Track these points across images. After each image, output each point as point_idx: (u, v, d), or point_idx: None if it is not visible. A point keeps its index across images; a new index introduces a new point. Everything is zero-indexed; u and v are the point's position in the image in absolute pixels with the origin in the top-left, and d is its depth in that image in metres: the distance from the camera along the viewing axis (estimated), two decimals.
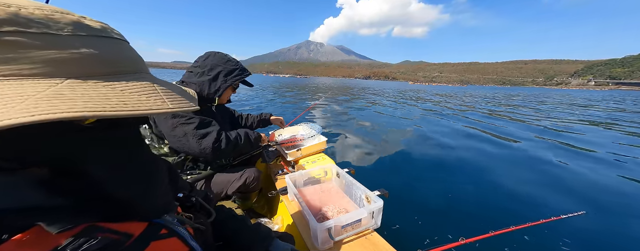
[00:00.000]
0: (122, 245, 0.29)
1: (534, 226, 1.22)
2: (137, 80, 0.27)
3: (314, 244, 0.90)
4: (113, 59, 0.27)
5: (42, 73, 0.21)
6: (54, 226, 0.25)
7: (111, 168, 0.31)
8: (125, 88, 0.25)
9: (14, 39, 0.21)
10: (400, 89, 35.74)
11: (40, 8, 0.23)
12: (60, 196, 0.26)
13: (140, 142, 0.37)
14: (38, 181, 0.25)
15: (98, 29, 0.27)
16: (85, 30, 0.25)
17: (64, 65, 0.23)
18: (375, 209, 0.94)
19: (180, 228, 0.41)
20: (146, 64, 0.33)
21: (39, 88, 0.20)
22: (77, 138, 0.27)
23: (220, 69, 1.23)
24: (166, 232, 0.37)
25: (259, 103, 9.95)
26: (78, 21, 0.25)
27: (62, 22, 0.24)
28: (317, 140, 1.76)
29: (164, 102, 0.26)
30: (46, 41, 0.22)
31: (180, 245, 0.38)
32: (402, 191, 2.54)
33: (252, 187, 1.32)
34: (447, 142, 4.69)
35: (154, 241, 0.33)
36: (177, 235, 0.38)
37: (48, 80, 0.21)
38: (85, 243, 0.26)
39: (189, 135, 1.08)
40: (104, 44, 0.26)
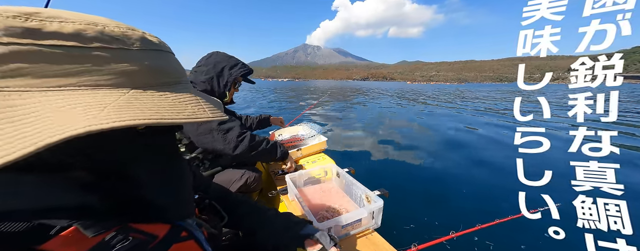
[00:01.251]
0: (148, 245, 0.31)
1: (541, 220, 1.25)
2: (182, 92, 0.30)
3: None
4: (165, 71, 0.29)
5: (114, 84, 0.24)
6: (89, 230, 0.26)
7: (151, 172, 0.33)
8: (175, 98, 0.27)
9: (99, 54, 0.23)
10: (399, 89, 35.85)
11: (118, 26, 0.26)
12: (103, 198, 0.28)
13: (176, 147, 0.40)
14: (83, 182, 0.27)
15: (157, 43, 0.29)
16: (149, 45, 0.28)
17: (132, 76, 0.25)
18: (375, 209, 0.94)
19: (198, 231, 0.42)
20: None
21: (113, 97, 0.23)
22: (131, 143, 0.30)
23: (224, 64, 1.27)
24: (186, 235, 0.38)
25: (260, 105, 9.95)
26: (144, 37, 0.28)
27: (133, 38, 0.26)
28: (317, 140, 1.76)
29: (205, 111, 0.29)
30: (121, 55, 0.25)
31: (196, 248, 0.39)
32: (403, 191, 2.55)
33: (253, 187, 1.33)
34: (447, 141, 4.69)
35: (175, 244, 0.35)
36: (195, 238, 0.40)
37: (118, 90, 0.24)
38: (119, 244, 0.28)
39: (214, 131, 1.13)
40: (160, 57, 0.29)
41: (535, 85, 0.91)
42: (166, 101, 0.26)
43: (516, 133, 0.92)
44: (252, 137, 1.22)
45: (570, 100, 0.82)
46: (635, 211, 0.76)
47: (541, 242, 1.71)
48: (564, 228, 0.87)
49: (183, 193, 0.40)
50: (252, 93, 15.25)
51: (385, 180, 2.94)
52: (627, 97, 17.17)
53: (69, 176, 0.26)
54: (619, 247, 0.77)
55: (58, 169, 0.26)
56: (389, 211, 1.02)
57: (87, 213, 0.27)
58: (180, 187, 0.39)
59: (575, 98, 0.81)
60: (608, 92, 0.75)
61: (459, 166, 3.36)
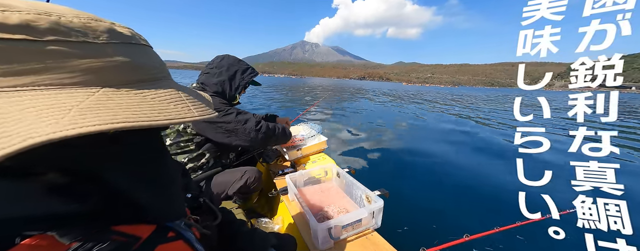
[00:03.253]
0: (130, 247, 0.29)
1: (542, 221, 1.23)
2: (164, 88, 0.27)
3: (314, 244, 0.90)
4: (142, 66, 0.26)
5: (80, 82, 0.21)
6: (66, 238, 0.24)
7: (132, 175, 0.30)
8: (155, 97, 0.25)
9: (56, 48, 0.20)
10: (396, 90, 35.86)
11: (78, 16, 0.23)
12: (77, 203, 0.26)
13: (161, 148, 0.37)
14: (54, 187, 0.24)
15: (128, 35, 0.26)
16: (119, 37, 0.25)
17: (100, 73, 0.23)
18: (375, 209, 0.94)
19: (188, 231, 0.40)
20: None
21: (79, 98, 0.20)
22: (103, 145, 0.27)
23: (236, 68, 1.32)
24: (173, 235, 0.36)
25: (262, 102, 9.96)
26: (112, 28, 0.25)
27: (98, 30, 0.23)
28: (317, 140, 1.76)
29: (190, 110, 0.26)
30: (84, 49, 0.22)
31: (186, 249, 0.38)
32: (403, 191, 2.54)
33: (253, 187, 1.33)
34: (447, 140, 4.69)
35: (160, 245, 0.33)
36: (183, 238, 0.38)
37: (85, 89, 0.21)
38: (95, 247, 0.25)
39: (232, 123, 1.20)
40: (134, 51, 0.26)
41: (534, 85, 0.91)
42: (144, 100, 0.24)
43: (516, 133, 0.92)
44: (267, 126, 1.31)
45: (570, 101, 0.82)
46: (635, 212, 0.76)
47: (548, 244, 1.68)
48: (563, 228, 0.87)
49: (171, 193, 0.37)
50: (253, 91, 15.26)
51: (386, 180, 2.94)
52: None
53: (37, 183, 0.23)
54: (619, 247, 0.77)
55: (24, 176, 0.23)
56: (389, 212, 1.02)
57: (61, 220, 0.25)
58: (166, 188, 0.37)
59: (575, 99, 0.82)
60: (608, 93, 0.75)
61: (460, 166, 3.36)
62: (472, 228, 1.12)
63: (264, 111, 7.99)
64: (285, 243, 0.77)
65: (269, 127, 1.33)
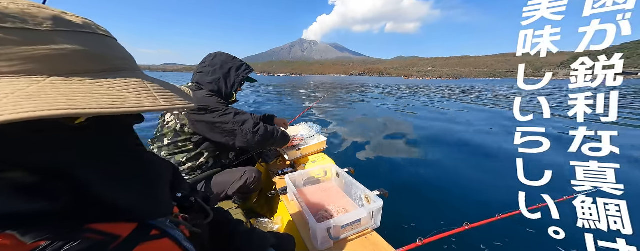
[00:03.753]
0: (107, 246, 0.28)
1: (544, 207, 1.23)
2: (125, 78, 0.26)
3: (313, 244, 0.90)
4: (99, 56, 0.26)
5: (22, 70, 0.21)
6: (28, 236, 0.23)
7: (103, 171, 0.29)
8: (112, 86, 0.24)
9: None
10: (396, 85, 35.79)
11: (14, 2, 0.22)
12: (44, 201, 0.25)
13: (135, 143, 0.36)
14: (18, 185, 0.24)
15: (80, 24, 0.26)
16: (67, 25, 0.24)
17: (46, 62, 0.22)
18: (375, 209, 0.94)
19: (175, 229, 0.39)
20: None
21: (19, 86, 0.20)
22: (66, 139, 0.26)
23: (230, 65, 1.30)
24: (157, 233, 0.35)
25: (262, 101, 9.96)
26: (58, 16, 0.24)
27: (40, 17, 0.22)
28: (316, 140, 1.76)
29: (156, 100, 0.26)
30: (23, 37, 0.21)
31: (173, 246, 0.37)
32: (402, 191, 2.54)
33: (253, 187, 1.33)
34: (448, 141, 4.69)
35: (142, 243, 0.32)
36: (169, 236, 0.37)
37: (29, 78, 0.21)
38: (66, 245, 0.24)
39: (230, 123, 1.19)
40: (88, 40, 0.25)
41: (535, 84, 0.91)
42: (99, 90, 0.23)
43: (516, 133, 0.92)
44: (265, 128, 1.30)
45: (570, 100, 0.82)
46: (635, 211, 0.76)
47: (544, 242, 1.70)
48: (563, 228, 0.86)
49: (149, 191, 0.36)
50: (253, 90, 15.26)
51: (385, 180, 2.94)
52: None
53: (2, 178, 0.23)
54: (619, 247, 0.77)
55: None
56: (388, 212, 1.02)
57: (25, 219, 0.24)
58: (145, 184, 0.36)
59: (575, 98, 0.81)
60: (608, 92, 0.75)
61: (460, 166, 3.35)
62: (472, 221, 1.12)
63: (265, 111, 7.98)
64: (284, 242, 0.77)
65: (267, 129, 1.31)
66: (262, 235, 0.70)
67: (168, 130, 1.21)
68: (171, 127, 1.21)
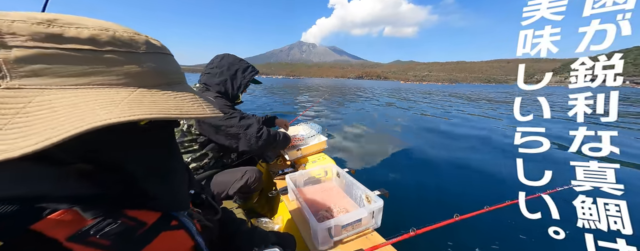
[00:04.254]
0: (136, 231, 0.33)
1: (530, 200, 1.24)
2: (183, 91, 0.32)
3: (314, 244, 0.90)
4: (168, 72, 0.32)
5: (123, 83, 0.27)
6: (88, 213, 0.29)
7: (149, 165, 0.35)
8: (177, 97, 0.30)
9: (110, 57, 0.26)
10: (394, 88, 35.95)
11: (126, 31, 0.28)
12: (100, 188, 0.31)
13: (175, 143, 0.42)
14: (83, 173, 0.29)
15: (159, 46, 0.32)
16: (153, 48, 0.31)
17: (138, 77, 0.28)
18: (375, 209, 0.94)
19: (190, 222, 0.43)
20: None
21: (123, 95, 0.25)
22: (133, 138, 0.33)
23: (237, 67, 1.32)
24: (176, 224, 0.40)
25: (262, 102, 9.96)
26: (147, 40, 0.30)
27: (139, 42, 0.29)
28: (317, 140, 1.76)
29: (204, 109, 0.31)
30: (129, 58, 0.28)
31: (186, 238, 0.41)
32: (403, 191, 2.54)
33: (254, 187, 1.33)
34: (448, 141, 4.69)
35: (164, 232, 0.37)
36: (185, 228, 0.41)
37: (125, 89, 0.26)
38: (108, 226, 0.29)
39: (235, 127, 1.21)
40: (162, 59, 0.32)
41: (534, 85, 0.91)
42: (169, 99, 0.29)
43: (516, 133, 0.92)
44: (268, 132, 1.31)
45: (570, 100, 0.82)
46: (636, 211, 0.76)
47: (541, 242, 1.71)
48: (563, 228, 0.86)
49: (177, 186, 0.42)
50: (254, 92, 15.27)
51: (385, 180, 2.94)
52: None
53: (72, 167, 0.28)
54: (619, 247, 0.77)
55: (63, 161, 0.28)
56: (389, 211, 1.02)
57: (85, 200, 0.29)
58: (175, 179, 0.41)
59: (575, 99, 0.81)
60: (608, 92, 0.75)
61: (461, 166, 3.35)
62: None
63: (265, 110, 8.01)
64: (285, 242, 0.78)
65: (270, 133, 1.33)
66: (264, 234, 0.71)
67: (176, 130, 1.23)
68: (178, 128, 1.22)
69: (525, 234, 1.83)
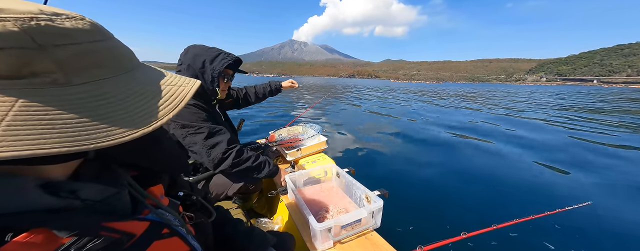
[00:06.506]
0: (123, 244, 0.30)
1: (539, 219, 1.24)
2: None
3: (314, 244, 0.90)
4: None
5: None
6: (64, 231, 0.25)
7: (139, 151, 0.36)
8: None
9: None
10: (386, 87, 36.11)
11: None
12: (73, 198, 0.27)
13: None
14: (48, 183, 0.25)
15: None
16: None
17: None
18: (375, 209, 0.94)
19: (182, 228, 0.41)
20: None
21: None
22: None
23: (203, 58, 1.12)
24: (168, 232, 0.37)
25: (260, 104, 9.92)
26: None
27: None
28: (317, 140, 1.76)
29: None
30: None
31: (181, 245, 0.39)
32: (403, 191, 2.54)
33: (253, 188, 1.32)
34: (446, 139, 4.69)
35: (156, 241, 0.34)
36: (178, 235, 0.39)
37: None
38: (89, 243, 0.26)
39: (198, 145, 1.07)
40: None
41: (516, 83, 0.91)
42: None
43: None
44: (238, 152, 1.14)
45: None
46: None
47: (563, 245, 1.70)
48: (561, 228, 0.86)
49: (163, 153, 0.41)
50: None
51: (385, 180, 2.94)
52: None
53: (27, 178, 0.24)
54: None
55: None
56: (388, 212, 1.02)
57: (53, 214, 0.25)
58: (160, 151, 0.40)
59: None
60: None
61: (461, 166, 3.36)
62: (470, 225, 1.13)
63: (263, 112, 7.98)
64: (284, 242, 0.77)
65: (241, 156, 1.14)
66: (262, 235, 0.70)
67: None
68: None
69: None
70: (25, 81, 0.21)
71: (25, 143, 0.19)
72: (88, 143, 0.21)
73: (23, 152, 0.19)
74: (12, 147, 0.19)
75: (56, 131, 0.20)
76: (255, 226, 0.73)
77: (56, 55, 0.22)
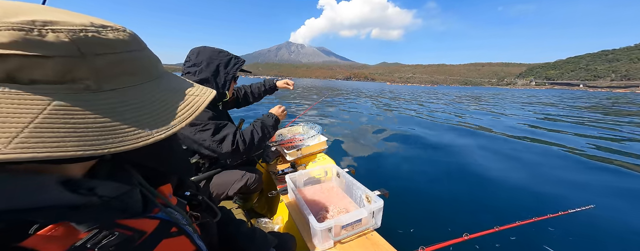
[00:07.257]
0: (135, 241, 0.32)
1: (541, 221, 1.23)
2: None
3: (314, 244, 0.90)
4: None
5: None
6: (83, 225, 0.27)
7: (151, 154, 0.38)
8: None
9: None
10: (384, 89, 36.16)
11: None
12: (91, 194, 0.29)
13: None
14: (68, 181, 0.27)
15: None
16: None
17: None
18: (375, 209, 0.94)
19: (189, 227, 0.42)
20: None
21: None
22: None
23: (218, 62, 1.18)
24: (176, 230, 0.39)
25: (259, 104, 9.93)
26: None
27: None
28: (317, 140, 1.76)
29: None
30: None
31: (188, 244, 0.40)
32: (403, 191, 2.54)
33: (254, 188, 1.32)
34: (445, 139, 4.68)
35: (165, 239, 0.36)
36: (186, 234, 0.40)
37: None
38: (105, 239, 0.28)
39: (208, 141, 1.11)
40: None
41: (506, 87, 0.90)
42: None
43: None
44: (244, 139, 1.16)
45: None
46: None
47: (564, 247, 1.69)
48: (562, 228, 0.85)
49: (174, 156, 0.44)
50: None
51: (386, 180, 2.93)
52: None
53: (51, 176, 0.26)
54: None
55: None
56: (389, 212, 1.01)
57: (74, 210, 0.27)
58: (171, 154, 0.43)
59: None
60: None
61: (460, 165, 3.34)
62: (472, 227, 1.12)
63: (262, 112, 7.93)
64: (285, 242, 0.77)
65: (245, 139, 1.17)
66: (264, 236, 0.70)
67: None
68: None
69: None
70: (65, 86, 0.23)
71: (45, 146, 0.20)
72: (103, 148, 0.23)
73: (41, 154, 0.20)
74: (33, 149, 0.20)
75: (77, 135, 0.22)
76: (257, 227, 0.73)
77: (95, 63, 0.24)
